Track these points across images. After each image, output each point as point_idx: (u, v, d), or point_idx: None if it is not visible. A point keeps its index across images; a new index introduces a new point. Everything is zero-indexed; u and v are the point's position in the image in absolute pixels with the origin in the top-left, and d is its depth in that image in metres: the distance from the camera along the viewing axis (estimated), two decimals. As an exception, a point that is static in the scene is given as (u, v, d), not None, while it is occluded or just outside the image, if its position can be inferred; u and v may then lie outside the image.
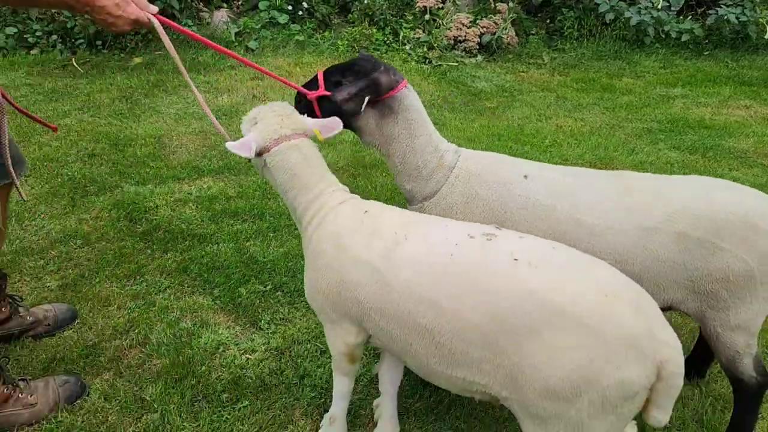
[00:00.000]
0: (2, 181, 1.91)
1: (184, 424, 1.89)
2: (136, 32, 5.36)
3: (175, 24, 1.87)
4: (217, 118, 4.19)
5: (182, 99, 4.67)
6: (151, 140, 3.94)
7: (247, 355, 2.18)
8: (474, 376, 1.43)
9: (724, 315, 1.69)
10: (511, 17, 6.13)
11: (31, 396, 1.94)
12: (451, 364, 1.45)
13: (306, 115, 1.78)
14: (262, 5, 6.13)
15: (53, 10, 5.17)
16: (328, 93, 1.80)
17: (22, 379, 1.99)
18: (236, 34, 5.73)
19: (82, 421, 1.89)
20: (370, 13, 6.30)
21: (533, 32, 6.60)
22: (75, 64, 4.99)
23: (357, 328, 1.62)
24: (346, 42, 5.98)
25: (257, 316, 2.38)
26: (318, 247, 1.63)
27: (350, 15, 6.58)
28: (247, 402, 1.98)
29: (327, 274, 1.59)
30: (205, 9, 6.07)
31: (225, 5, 6.27)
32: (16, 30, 5.13)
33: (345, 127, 1.80)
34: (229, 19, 6.02)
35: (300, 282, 2.50)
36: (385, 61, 5.80)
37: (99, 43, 5.26)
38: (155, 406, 1.94)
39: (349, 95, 1.76)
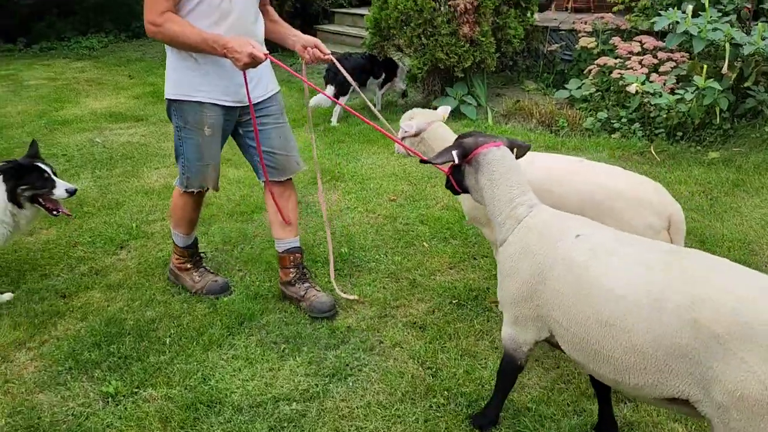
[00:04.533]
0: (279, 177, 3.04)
1: None
2: (715, 127, 5.28)
3: (276, 60, 2.83)
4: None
5: (766, 202, 4.34)
6: (739, 244, 3.74)
7: None
8: None
9: None
10: None
11: (198, 277, 3.24)
12: None
13: None
14: None
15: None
16: None
17: (202, 267, 3.31)
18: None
19: None
20: None
21: None
22: (653, 152, 5.20)
23: None
24: None
25: None
26: None
27: None
28: None
29: None
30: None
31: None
32: (606, 115, 5.67)
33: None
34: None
35: None
36: None
37: (679, 134, 5.36)
38: None
39: None
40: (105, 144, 5.72)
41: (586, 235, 1.85)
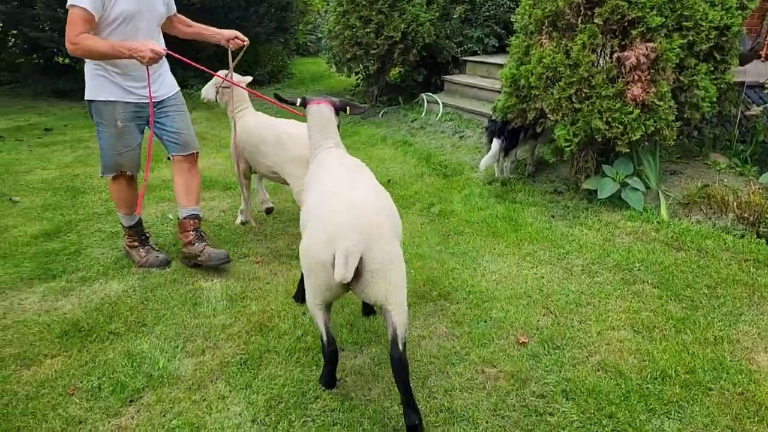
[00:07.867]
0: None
1: None
2: None
3: (178, 55, 3.56)
4: None
5: None
6: None
7: None
8: None
9: None
10: None
11: (144, 253, 3.95)
12: None
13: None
14: None
15: None
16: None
17: (148, 245, 4.02)
18: None
19: None
20: None
21: None
22: None
23: None
24: None
25: None
26: None
27: None
28: None
29: None
30: None
31: None
32: None
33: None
34: None
35: None
36: None
37: None
38: None
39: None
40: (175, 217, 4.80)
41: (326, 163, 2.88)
